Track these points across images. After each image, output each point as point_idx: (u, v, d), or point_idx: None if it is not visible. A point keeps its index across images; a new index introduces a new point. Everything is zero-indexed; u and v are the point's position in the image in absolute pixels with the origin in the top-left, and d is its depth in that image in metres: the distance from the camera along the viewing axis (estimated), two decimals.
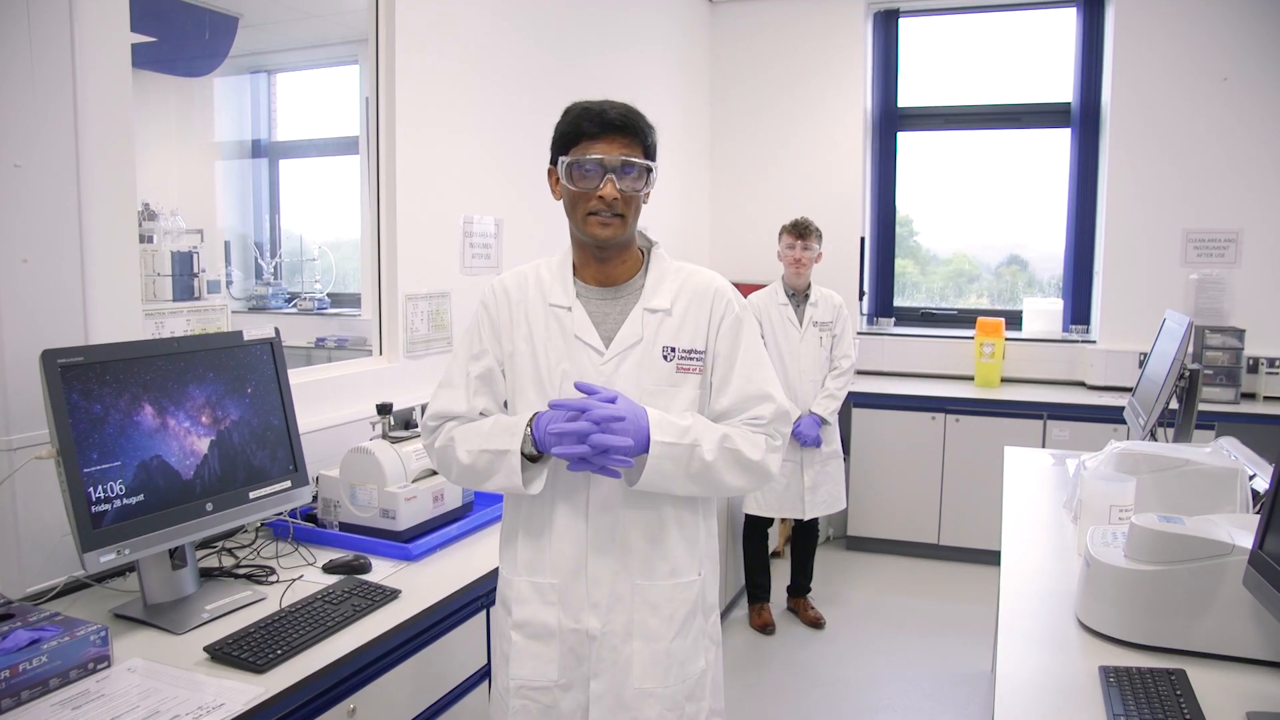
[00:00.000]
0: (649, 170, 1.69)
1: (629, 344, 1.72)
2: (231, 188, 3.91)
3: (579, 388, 1.65)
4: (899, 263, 5.97)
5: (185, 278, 2.88)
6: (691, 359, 1.75)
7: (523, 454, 1.67)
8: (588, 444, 1.57)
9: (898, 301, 5.95)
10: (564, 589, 1.74)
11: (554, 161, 1.72)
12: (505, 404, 1.81)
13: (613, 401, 1.62)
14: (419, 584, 2.09)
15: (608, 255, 1.74)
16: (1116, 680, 1.63)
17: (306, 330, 3.72)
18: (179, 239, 2.91)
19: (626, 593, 1.73)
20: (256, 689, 1.58)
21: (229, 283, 3.62)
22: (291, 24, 3.80)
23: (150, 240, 2.80)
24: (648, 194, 1.72)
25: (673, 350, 1.74)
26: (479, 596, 2.17)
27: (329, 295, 3.94)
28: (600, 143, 1.66)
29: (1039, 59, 5.55)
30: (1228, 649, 1.72)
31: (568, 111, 1.71)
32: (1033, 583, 2.18)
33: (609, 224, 1.67)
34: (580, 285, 1.77)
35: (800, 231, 4.07)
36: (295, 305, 3.85)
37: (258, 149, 3.96)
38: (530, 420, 1.67)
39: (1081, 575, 1.95)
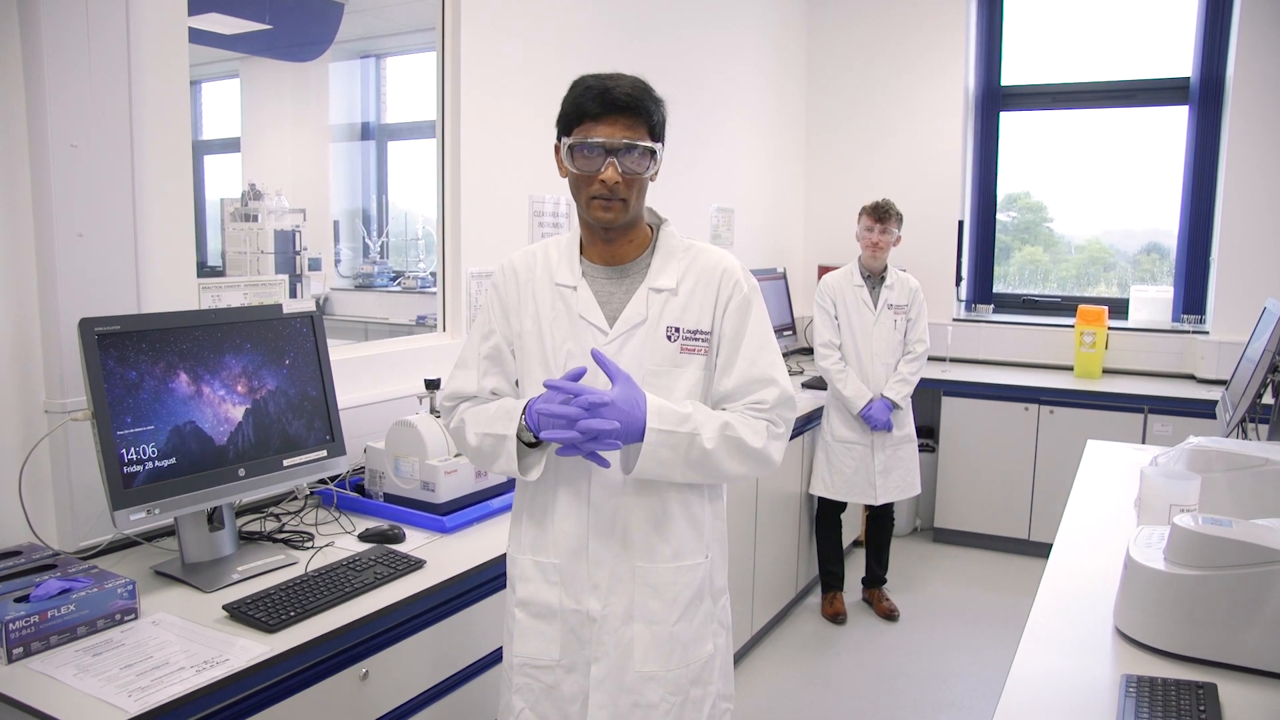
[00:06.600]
0: (653, 151, 1.66)
1: (633, 324, 1.70)
2: (342, 169, 4.04)
3: (594, 355, 1.62)
4: (1028, 250, 5.71)
5: (287, 255, 3.01)
6: (696, 340, 1.72)
7: (521, 440, 1.68)
8: (575, 429, 1.55)
9: (1027, 289, 5.70)
10: (566, 569, 1.75)
11: (559, 140, 1.70)
12: (517, 383, 1.81)
13: (613, 384, 1.59)
14: (446, 556, 2.13)
15: (613, 235, 1.72)
16: (1137, 690, 1.52)
17: (410, 308, 3.82)
18: (283, 218, 3.05)
19: (627, 575, 1.73)
20: (263, 647, 1.64)
21: (337, 261, 3.76)
22: (395, 8, 3.89)
23: (255, 219, 2.94)
24: (655, 173, 1.69)
25: (677, 331, 1.71)
26: (505, 572, 2.19)
27: (433, 274, 4.04)
28: (603, 124, 1.63)
29: (1153, 31, 5.20)
30: (1268, 664, 1.58)
31: (574, 86, 1.68)
32: (1077, 582, 2.06)
33: (611, 207, 1.65)
34: (587, 264, 1.76)
35: (879, 214, 3.95)
36: (400, 284, 3.97)
37: (367, 131, 4.08)
38: (525, 406, 1.67)
39: (1121, 577, 1.84)
